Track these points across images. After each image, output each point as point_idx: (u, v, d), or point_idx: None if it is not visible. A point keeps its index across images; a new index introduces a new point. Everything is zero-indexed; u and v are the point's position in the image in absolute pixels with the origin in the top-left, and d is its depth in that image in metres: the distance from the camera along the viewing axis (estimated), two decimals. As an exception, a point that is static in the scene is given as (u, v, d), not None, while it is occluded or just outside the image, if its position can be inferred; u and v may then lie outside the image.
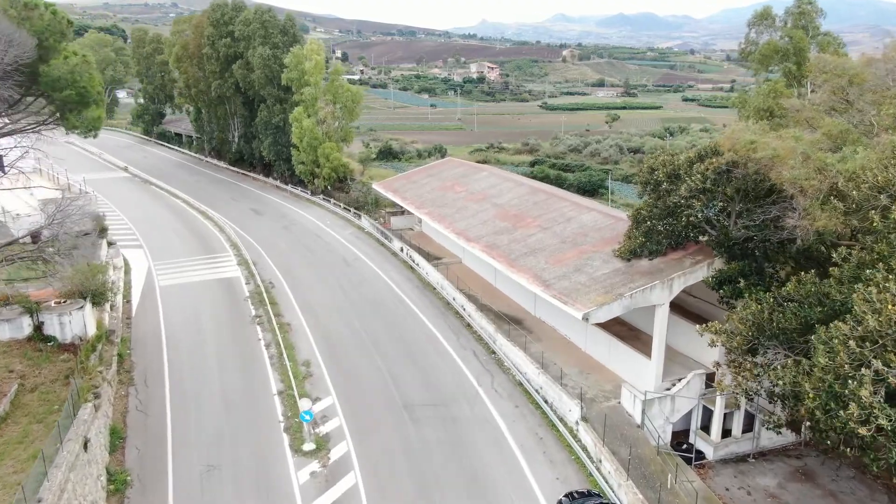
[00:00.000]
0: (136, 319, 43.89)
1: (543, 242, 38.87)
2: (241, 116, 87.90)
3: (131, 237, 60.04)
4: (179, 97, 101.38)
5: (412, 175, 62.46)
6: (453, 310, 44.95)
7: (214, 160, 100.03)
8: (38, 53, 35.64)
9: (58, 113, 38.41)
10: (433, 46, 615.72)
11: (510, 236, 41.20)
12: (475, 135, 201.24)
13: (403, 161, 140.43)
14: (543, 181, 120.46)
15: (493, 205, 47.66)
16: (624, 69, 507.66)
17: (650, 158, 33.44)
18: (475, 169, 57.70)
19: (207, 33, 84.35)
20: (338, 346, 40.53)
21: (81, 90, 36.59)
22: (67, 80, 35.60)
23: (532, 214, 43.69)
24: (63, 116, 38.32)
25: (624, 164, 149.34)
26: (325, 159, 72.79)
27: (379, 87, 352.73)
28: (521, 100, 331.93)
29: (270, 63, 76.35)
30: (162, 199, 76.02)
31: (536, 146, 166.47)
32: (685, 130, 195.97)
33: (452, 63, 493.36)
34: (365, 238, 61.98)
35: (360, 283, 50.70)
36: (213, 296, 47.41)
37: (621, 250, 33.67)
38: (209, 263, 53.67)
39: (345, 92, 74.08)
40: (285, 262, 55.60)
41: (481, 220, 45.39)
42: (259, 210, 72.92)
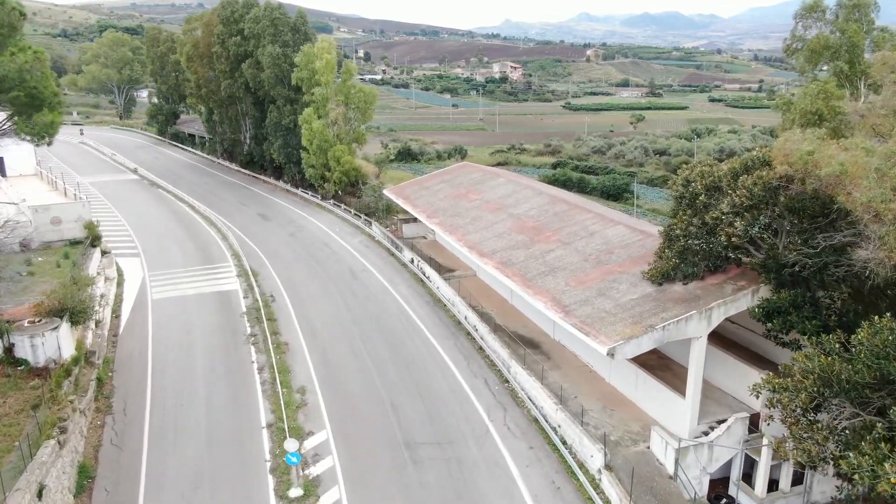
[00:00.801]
0: (124, 337, 40.82)
1: (564, 260, 35.03)
2: (251, 117, 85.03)
3: (129, 245, 57.21)
4: (191, 97, 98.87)
5: (425, 181, 58.88)
6: (465, 330, 41.27)
7: (226, 162, 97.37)
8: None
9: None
10: (456, 46, 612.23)
11: (527, 252, 37.40)
12: (497, 135, 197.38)
13: (422, 162, 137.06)
14: (565, 184, 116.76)
15: (510, 215, 43.88)
16: (649, 69, 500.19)
17: (686, 169, 29.46)
18: (491, 175, 53.97)
19: (217, 31, 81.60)
20: (337, 370, 37.07)
21: (32, 91, 33.10)
22: (15, 80, 32.09)
23: (552, 227, 39.85)
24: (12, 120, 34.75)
25: (649, 166, 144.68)
26: (336, 163, 69.50)
27: (401, 86, 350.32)
28: (543, 100, 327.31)
29: (280, 62, 73.27)
30: (167, 203, 73.29)
31: (559, 147, 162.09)
32: (713, 132, 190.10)
33: (475, 63, 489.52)
34: (374, 247, 58.52)
35: (367, 297, 47.22)
36: (208, 311, 44.23)
37: (652, 272, 29.72)
38: (207, 275, 50.57)
39: (357, 92, 70.74)
40: (289, 274, 52.35)
41: (496, 233, 41.64)
42: (266, 215, 69.84)
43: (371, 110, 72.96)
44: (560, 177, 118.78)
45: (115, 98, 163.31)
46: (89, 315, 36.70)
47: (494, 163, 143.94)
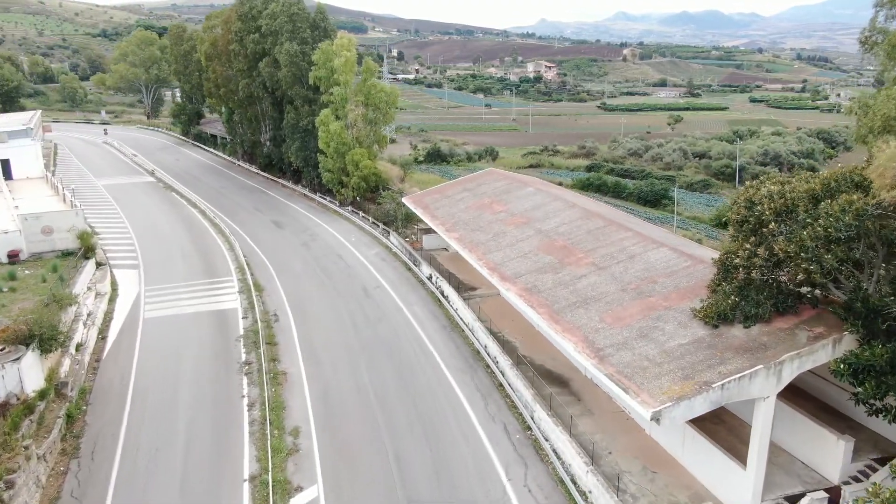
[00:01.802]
0: (107, 362, 36.95)
1: (598, 288, 30.06)
2: (270, 118, 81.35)
3: (130, 255, 53.66)
4: (209, 97, 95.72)
5: (447, 188, 54.21)
6: (484, 362, 36.49)
7: (246, 164, 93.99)
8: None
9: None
10: (490, 45, 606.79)
11: (556, 276, 32.50)
12: (529, 136, 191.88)
13: (452, 164, 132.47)
14: (600, 189, 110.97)
15: (538, 231, 38.96)
16: (687, 68, 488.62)
17: (749, 187, 24.29)
18: (519, 184, 49.07)
19: (235, 28, 78.07)
20: (338, 407, 32.65)
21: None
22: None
23: (585, 247, 34.86)
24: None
25: (688, 170, 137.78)
26: (354, 167, 65.25)
27: (434, 86, 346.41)
28: (578, 100, 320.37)
29: (298, 60, 69.29)
30: (178, 208, 69.85)
31: (593, 149, 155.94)
32: (755, 133, 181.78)
33: (509, 62, 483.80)
34: (391, 260, 54.05)
35: (378, 319, 42.75)
36: (202, 333, 40.18)
37: (706, 311, 24.62)
38: (208, 290, 46.63)
39: (378, 92, 66.37)
40: (297, 289, 48.19)
41: (521, 252, 36.78)
42: (280, 223, 65.89)
43: (393, 111, 68.62)
44: (594, 180, 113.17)
45: (142, 97, 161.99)
46: (62, 342, 32.84)
47: (526, 165, 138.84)
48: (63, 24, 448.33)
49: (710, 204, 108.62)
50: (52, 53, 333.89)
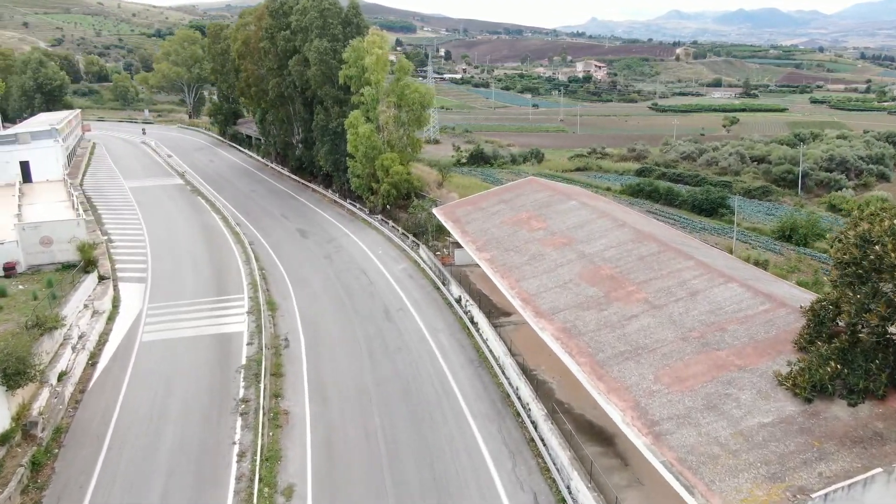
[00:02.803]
0: (92, 394, 33.04)
1: (653, 334, 24.63)
2: (301, 120, 77.50)
3: (140, 266, 50.09)
4: (242, 97, 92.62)
5: (481, 199, 49.11)
6: (514, 409, 31.33)
7: (278, 167, 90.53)
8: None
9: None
10: (539, 45, 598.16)
11: (601, 315, 27.16)
12: (577, 138, 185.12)
13: (495, 167, 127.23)
14: (651, 195, 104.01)
15: (580, 255, 33.58)
16: (743, 68, 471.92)
17: (860, 219, 18.62)
18: (561, 196, 43.64)
19: (266, 25, 74.48)
20: (341, 461, 27.96)
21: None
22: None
23: (636, 278, 29.40)
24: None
25: (746, 175, 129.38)
26: (384, 173, 60.68)
27: (481, 86, 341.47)
28: (629, 100, 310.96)
29: (328, 58, 65.08)
30: (201, 214, 66.39)
31: (644, 152, 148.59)
32: (818, 137, 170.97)
33: (558, 62, 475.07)
34: (418, 277, 49.22)
35: (398, 349, 37.95)
36: (200, 361, 36.00)
37: (795, 378, 19.06)
38: (214, 310, 42.55)
39: (412, 92, 61.64)
40: (313, 309, 43.83)
41: (561, 280, 31.48)
42: (306, 231, 61.78)
43: (427, 113, 63.89)
44: (645, 186, 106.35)
45: (184, 97, 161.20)
46: (33, 376, 28.94)
47: (573, 168, 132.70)
48: (120, 24, 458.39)
49: (771, 213, 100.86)
50: (108, 53, 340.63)
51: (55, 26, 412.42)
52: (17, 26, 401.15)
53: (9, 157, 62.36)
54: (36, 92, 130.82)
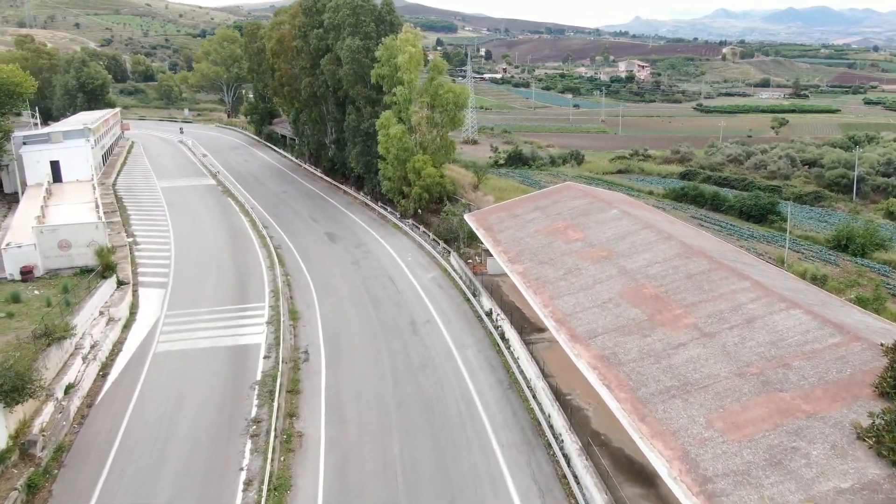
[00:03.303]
0: (98, 410, 31.41)
1: (704, 367, 21.71)
2: (333, 120, 75.71)
3: (162, 271, 48.68)
4: (276, 96, 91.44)
5: (515, 205, 46.36)
6: (546, 439, 28.61)
7: (311, 167, 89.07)
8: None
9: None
10: (581, 44, 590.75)
11: (644, 342, 24.30)
12: (619, 139, 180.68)
13: (534, 168, 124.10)
14: (696, 200, 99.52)
15: (621, 271, 30.69)
16: (793, 68, 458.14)
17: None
18: (601, 204, 40.65)
19: (299, 23, 72.93)
20: (356, 492, 25.66)
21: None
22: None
23: (684, 299, 26.43)
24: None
25: (797, 179, 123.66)
26: (416, 175, 58.37)
27: (521, 85, 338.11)
28: (672, 100, 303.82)
29: (360, 57, 63.08)
30: (229, 216, 65.03)
31: (688, 154, 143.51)
32: (874, 140, 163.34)
33: (600, 61, 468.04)
34: (448, 287, 46.73)
35: (423, 366, 35.54)
36: (214, 374, 34.14)
37: (879, 433, 16.03)
38: (233, 320, 40.74)
39: (445, 92, 59.19)
40: (337, 319, 41.77)
41: (599, 299, 28.65)
42: (334, 235, 59.86)
43: (461, 114, 61.38)
44: (690, 190, 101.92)
45: (223, 96, 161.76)
46: (33, 392, 27.33)
47: (614, 170, 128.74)
48: (167, 24, 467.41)
49: (824, 220, 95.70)
50: (155, 53, 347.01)
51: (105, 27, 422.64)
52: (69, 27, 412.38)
53: (39, 156, 61.89)
54: (78, 91, 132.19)
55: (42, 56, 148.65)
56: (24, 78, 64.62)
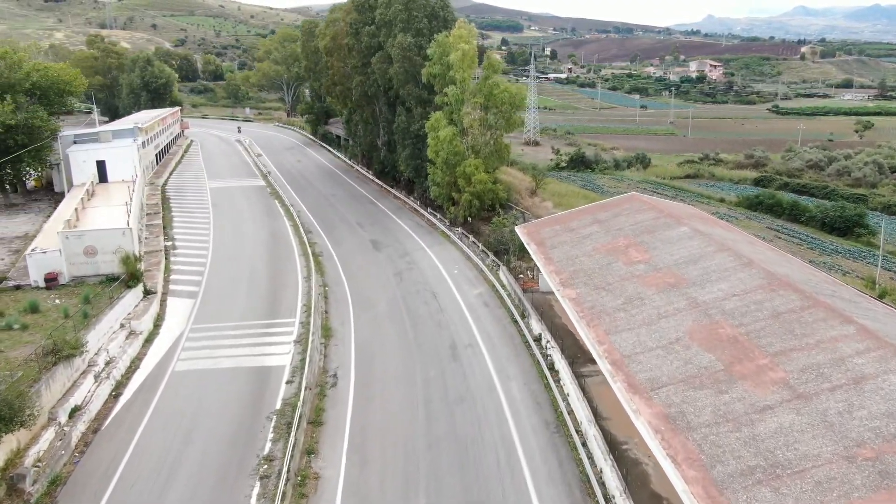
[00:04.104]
0: (104, 436, 28.77)
1: (797, 443, 17.12)
2: (385, 121, 72.63)
3: (194, 279, 46.33)
4: (329, 96, 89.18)
5: (571, 217, 41.96)
6: (597, 501, 24.32)
7: (363, 169, 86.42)
8: None
9: None
10: (650, 44, 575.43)
11: (719, 399, 19.82)
12: (688, 142, 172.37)
13: (597, 172, 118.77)
14: (772, 209, 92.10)
15: (692, 303, 26.09)
16: (878, 68, 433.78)
17: None
18: (669, 219, 35.89)
19: (351, 19, 70.14)
20: (369, 556, 22.09)
21: None
22: None
23: (770, 345, 21.75)
24: None
25: (884, 188, 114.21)
26: (466, 181, 54.55)
27: (586, 86, 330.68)
28: (746, 102, 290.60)
29: (411, 55, 59.71)
30: (273, 219, 62.66)
31: (763, 159, 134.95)
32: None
33: (670, 61, 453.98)
34: (495, 306, 42.69)
35: (460, 398, 31.70)
36: (230, 401, 31.14)
37: None
38: (259, 336, 37.83)
39: (500, 92, 55.14)
40: (372, 338, 38.40)
41: (665, 338, 24.19)
42: (379, 243, 56.64)
43: (518, 115, 57.21)
44: (765, 198, 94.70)
45: (283, 95, 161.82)
46: (24, 422, 24.79)
47: (683, 174, 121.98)
48: (238, 25, 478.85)
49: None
50: (225, 53, 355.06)
51: (180, 27, 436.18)
52: (146, 28, 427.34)
53: (86, 156, 60.96)
54: (142, 89, 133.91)
55: (111, 55, 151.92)
56: (75, 76, 63.88)
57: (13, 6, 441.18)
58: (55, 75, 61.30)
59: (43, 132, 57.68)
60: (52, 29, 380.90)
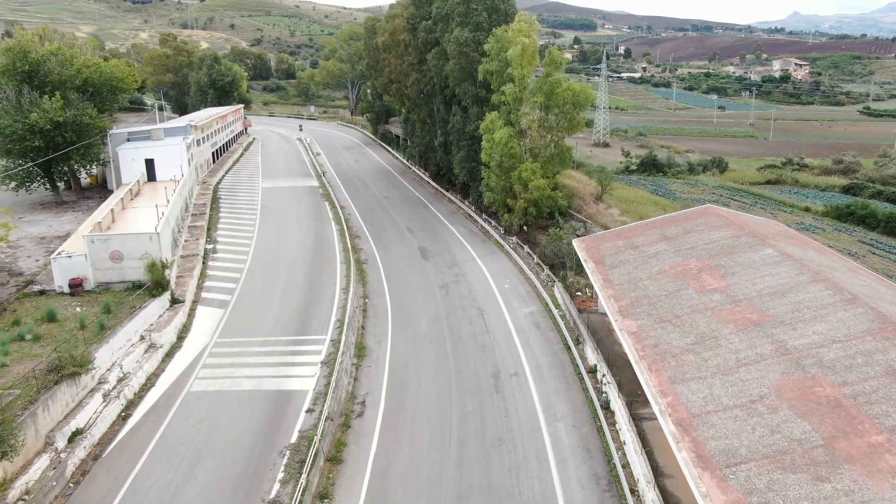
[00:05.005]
0: (101, 467, 26.11)
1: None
2: (441, 121, 69.06)
3: (229, 286, 43.81)
4: (386, 93, 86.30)
5: (635, 232, 37.20)
6: (653, 589, 19.97)
7: (420, 171, 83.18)
8: None
9: None
10: (730, 42, 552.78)
11: (818, 490, 15.19)
12: (769, 145, 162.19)
13: (669, 176, 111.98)
14: (865, 221, 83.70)
15: (780, 348, 21.31)
16: None
17: None
18: (751, 239, 30.80)
19: (408, 14, 66.87)
20: None
21: None
22: None
23: (886, 415, 16.91)
24: None
25: None
26: (522, 187, 50.32)
27: (661, 85, 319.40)
28: (834, 103, 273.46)
29: (468, 50, 55.86)
30: (320, 223, 59.89)
31: (854, 165, 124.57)
32: None
33: (751, 60, 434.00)
34: (547, 329, 38.36)
35: (499, 440, 27.70)
36: (242, 432, 28.03)
37: None
38: (285, 355, 34.75)
39: (563, 91, 50.68)
40: (407, 362, 34.83)
41: (744, 395, 19.55)
42: (428, 251, 53.09)
43: (581, 116, 52.50)
44: (857, 208, 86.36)
45: (348, 93, 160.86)
46: (5, 451, 22.31)
47: (763, 180, 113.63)
48: (312, 25, 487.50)
49: None
50: (298, 52, 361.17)
51: (256, 27, 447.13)
52: (225, 28, 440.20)
53: (135, 154, 59.83)
54: (209, 87, 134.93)
55: (182, 53, 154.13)
56: (128, 73, 62.97)
57: (104, 8, 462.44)
58: (108, 72, 60.45)
59: (91, 130, 56.70)
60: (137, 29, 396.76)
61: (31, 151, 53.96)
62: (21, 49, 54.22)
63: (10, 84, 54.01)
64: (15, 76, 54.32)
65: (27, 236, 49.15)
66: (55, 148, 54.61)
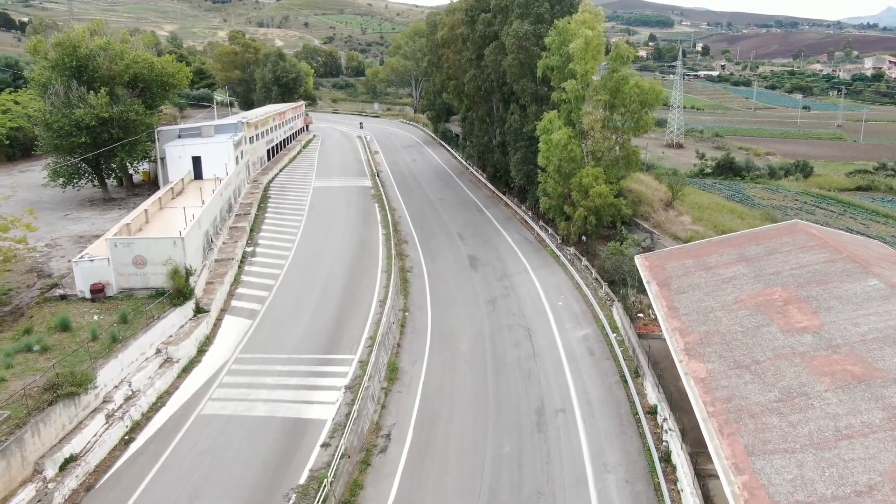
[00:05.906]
0: (93, 499, 23.57)
1: None
2: (500, 120, 65.06)
3: (261, 294, 41.17)
4: (443, 90, 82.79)
5: (708, 250, 32.38)
6: None
7: (478, 172, 79.41)
8: None
9: None
10: (816, 39, 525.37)
11: None
12: (859, 148, 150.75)
13: (747, 180, 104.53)
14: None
15: (893, 418, 16.62)
16: None
17: None
18: (850, 266, 25.72)
19: (467, 7, 63.17)
20: None
21: None
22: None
23: None
24: None
25: None
26: (582, 194, 45.80)
27: (741, 84, 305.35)
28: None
29: (528, 44, 51.73)
30: (367, 227, 56.89)
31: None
32: None
33: (840, 57, 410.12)
34: (602, 356, 33.97)
35: (538, 494, 23.73)
36: (249, 466, 24.98)
37: None
38: (307, 377, 31.63)
39: (630, 89, 45.89)
40: (442, 390, 31.28)
41: (847, 483, 15.04)
42: (477, 260, 49.34)
43: (649, 116, 47.55)
44: (963, 225, 77.46)
45: (411, 91, 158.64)
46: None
47: (852, 186, 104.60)
48: (383, 23, 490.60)
49: None
50: (369, 49, 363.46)
51: (329, 26, 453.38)
52: (299, 26, 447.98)
53: (182, 151, 58.42)
54: (273, 84, 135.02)
55: (249, 50, 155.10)
56: (179, 69, 61.64)
57: (186, 7, 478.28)
58: (159, 68, 59.22)
59: (139, 126, 55.46)
60: (216, 28, 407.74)
61: (79, 147, 53.08)
62: (70, 44, 53.39)
63: (59, 79, 53.23)
64: (64, 71, 53.53)
65: (67, 235, 48.06)
66: (101, 144, 53.56)
